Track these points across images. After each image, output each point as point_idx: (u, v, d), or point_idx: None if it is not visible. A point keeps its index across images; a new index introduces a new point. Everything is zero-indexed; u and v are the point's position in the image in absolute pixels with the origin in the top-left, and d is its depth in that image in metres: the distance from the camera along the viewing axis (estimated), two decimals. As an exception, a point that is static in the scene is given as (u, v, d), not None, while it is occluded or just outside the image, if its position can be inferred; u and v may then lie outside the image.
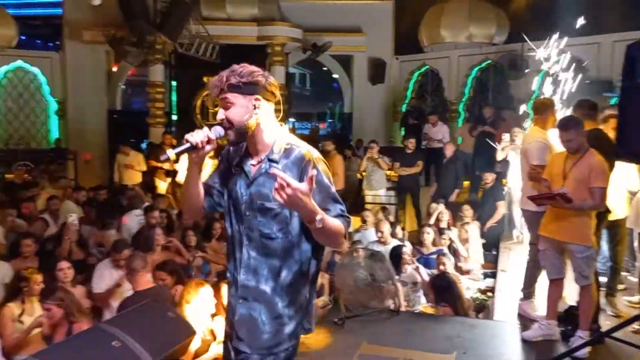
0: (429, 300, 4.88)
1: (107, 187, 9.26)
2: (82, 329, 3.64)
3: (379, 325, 4.09)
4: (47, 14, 21.28)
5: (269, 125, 2.06)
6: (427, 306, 4.75)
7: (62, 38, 13.23)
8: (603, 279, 4.62)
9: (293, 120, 18.49)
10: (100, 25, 11.69)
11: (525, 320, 4.29)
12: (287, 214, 2.00)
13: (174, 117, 13.45)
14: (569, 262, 3.87)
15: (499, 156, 7.62)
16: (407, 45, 13.89)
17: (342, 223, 1.94)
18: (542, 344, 3.88)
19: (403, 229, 6.77)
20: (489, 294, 5.24)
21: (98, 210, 6.84)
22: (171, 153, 1.98)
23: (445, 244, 6.06)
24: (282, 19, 12.76)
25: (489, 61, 12.27)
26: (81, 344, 3.28)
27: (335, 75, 16.29)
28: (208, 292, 3.93)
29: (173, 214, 6.87)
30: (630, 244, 5.11)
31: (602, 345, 3.70)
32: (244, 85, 1.98)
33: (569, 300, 4.33)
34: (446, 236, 6.15)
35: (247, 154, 2.11)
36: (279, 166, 2.00)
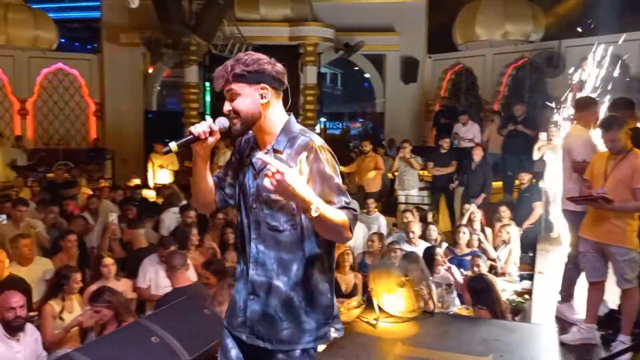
0: (464, 302, 4.82)
1: (142, 186, 9.46)
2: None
3: (413, 326, 4.06)
4: (86, 17, 21.88)
5: (275, 114, 2.00)
6: (462, 308, 4.69)
7: (100, 40, 13.57)
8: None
9: (324, 120, 18.51)
10: (136, 27, 11.98)
11: (564, 324, 4.20)
12: (294, 206, 1.92)
13: (208, 117, 13.65)
14: (611, 264, 3.77)
15: (536, 156, 7.46)
16: (440, 44, 13.74)
17: (345, 215, 1.85)
18: (581, 348, 3.78)
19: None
20: (526, 296, 5.14)
21: (139, 209, 6.99)
22: (173, 145, 1.93)
23: (474, 245, 5.98)
24: (314, 19, 12.81)
25: (525, 59, 12.04)
26: (121, 339, 3.37)
27: (367, 75, 16.26)
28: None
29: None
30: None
31: (645, 351, 3.60)
32: (249, 74, 1.92)
33: (610, 303, 4.22)
34: (475, 237, 6.06)
35: (256, 145, 2.06)
36: (283, 156, 1.95)
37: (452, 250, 5.77)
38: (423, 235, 6.06)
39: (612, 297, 4.12)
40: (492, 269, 5.74)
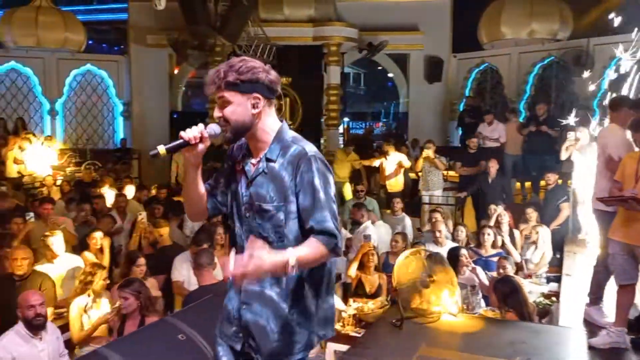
0: (490, 303, 4.77)
1: (167, 186, 9.58)
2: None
3: (438, 327, 4.03)
4: (113, 19, 22.24)
5: (268, 123, 1.96)
6: (487, 310, 4.63)
7: (128, 42, 13.80)
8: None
9: (347, 120, 18.50)
10: (163, 29, 12.15)
11: (593, 327, 4.12)
12: (283, 217, 1.91)
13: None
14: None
15: (563, 156, 7.33)
16: (465, 43, 13.62)
17: (323, 244, 1.84)
18: (610, 352, 3.70)
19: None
20: (553, 298, 5.06)
21: (165, 209, 7.09)
22: (161, 148, 1.88)
23: (499, 246, 5.91)
24: (338, 19, 12.81)
25: (552, 57, 11.85)
26: (148, 336, 3.42)
27: (390, 74, 16.20)
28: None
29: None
30: None
31: (677, 356, 3.51)
32: (242, 83, 1.88)
33: (640, 307, 4.13)
34: (500, 238, 5.99)
35: (249, 153, 2.03)
36: (275, 165, 1.93)
37: (477, 252, 5.71)
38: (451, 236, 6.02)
39: (643, 300, 4.03)
40: (518, 271, 5.66)
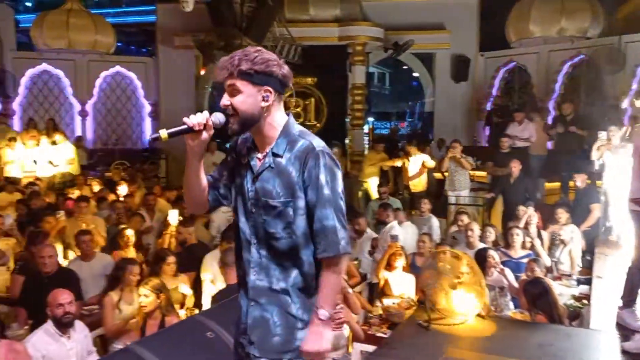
0: (519, 305, 4.71)
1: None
2: (172, 322, 3.84)
3: (465, 329, 4.00)
4: (141, 22, 22.62)
5: (276, 118, 1.92)
6: (516, 312, 4.57)
7: (155, 44, 14.01)
8: None
9: (372, 119, 18.45)
10: (190, 31, 12.29)
11: (625, 331, 4.03)
12: (291, 213, 1.88)
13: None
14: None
15: (594, 156, 7.21)
16: (492, 41, 13.43)
17: (328, 258, 1.86)
18: (644, 357, 3.63)
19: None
20: (584, 301, 4.97)
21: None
22: (163, 132, 1.82)
23: (527, 247, 5.82)
24: (364, 18, 12.78)
25: (582, 56, 11.61)
26: (178, 333, 3.47)
27: (415, 74, 16.09)
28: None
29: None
30: None
31: None
32: (256, 73, 1.83)
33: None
34: (528, 239, 5.90)
35: (254, 146, 1.98)
36: (282, 160, 1.88)
37: (506, 253, 5.63)
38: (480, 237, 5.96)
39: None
40: (548, 272, 5.57)
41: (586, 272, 5.83)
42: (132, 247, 5.63)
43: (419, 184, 9.00)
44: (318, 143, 1.89)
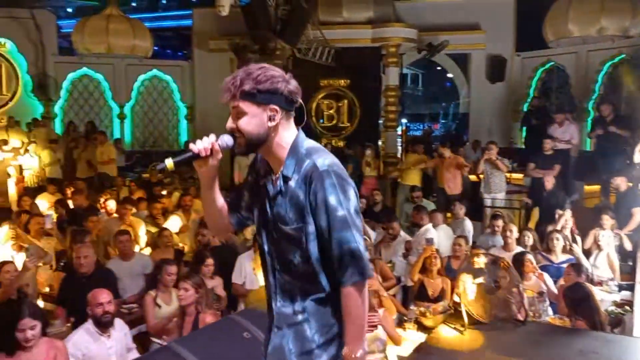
0: (558, 311, 4.61)
1: (231, 186, 9.81)
2: (206, 320, 3.88)
3: (503, 334, 3.94)
4: (177, 26, 23.05)
5: (284, 136, 1.82)
6: (555, 318, 4.48)
7: (191, 48, 14.26)
8: None
9: (405, 121, 18.35)
10: (225, 34, 12.47)
11: (670, 339, 3.92)
12: (303, 239, 1.79)
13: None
14: None
15: (637, 158, 7.00)
16: (529, 41, 13.18)
17: (351, 289, 1.75)
18: (690, 367, 3.52)
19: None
20: (626, 307, 4.83)
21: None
22: (169, 161, 1.75)
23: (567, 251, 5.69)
24: (397, 20, 12.71)
25: (623, 55, 11.28)
26: (215, 333, 3.54)
27: (449, 75, 15.94)
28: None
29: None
30: None
31: None
32: (259, 93, 1.73)
33: None
34: (567, 243, 5.77)
35: (269, 167, 1.89)
36: (292, 183, 1.80)
37: (547, 257, 5.52)
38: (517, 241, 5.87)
39: None
40: (588, 278, 5.44)
41: (628, 278, 5.66)
42: (172, 248, 5.73)
43: (454, 187, 8.88)
44: (322, 162, 1.77)
